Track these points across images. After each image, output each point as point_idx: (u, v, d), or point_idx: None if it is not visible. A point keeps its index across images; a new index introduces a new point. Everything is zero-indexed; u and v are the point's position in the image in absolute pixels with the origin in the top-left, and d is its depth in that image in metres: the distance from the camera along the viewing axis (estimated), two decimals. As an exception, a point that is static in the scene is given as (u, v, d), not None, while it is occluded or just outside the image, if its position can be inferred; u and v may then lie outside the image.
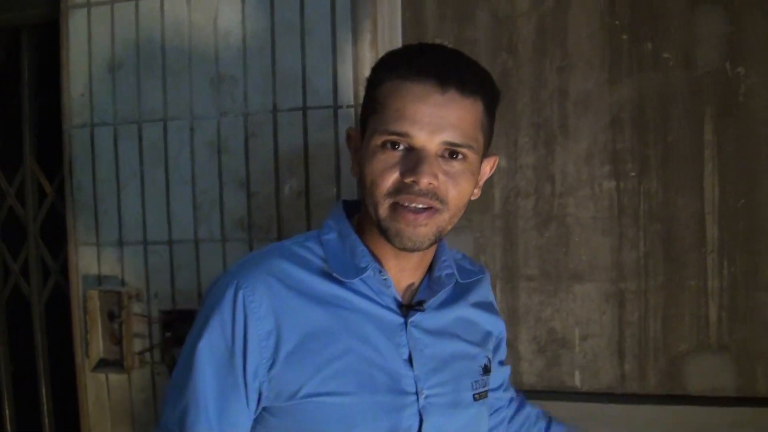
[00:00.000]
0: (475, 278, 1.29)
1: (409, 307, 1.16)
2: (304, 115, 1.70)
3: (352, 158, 1.17)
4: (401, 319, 1.15)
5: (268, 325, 1.07)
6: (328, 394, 1.08)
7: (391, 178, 1.06)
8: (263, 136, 1.72)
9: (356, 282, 1.13)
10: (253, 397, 1.08)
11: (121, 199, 1.82)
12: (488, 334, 1.31)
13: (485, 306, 1.32)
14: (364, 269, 1.12)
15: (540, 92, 3.37)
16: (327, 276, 1.13)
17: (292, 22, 1.70)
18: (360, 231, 1.18)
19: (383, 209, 1.07)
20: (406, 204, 1.06)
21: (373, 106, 1.10)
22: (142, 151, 1.80)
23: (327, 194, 1.70)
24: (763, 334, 3.29)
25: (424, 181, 1.04)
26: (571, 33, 3.35)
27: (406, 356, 1.14)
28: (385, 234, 1.09)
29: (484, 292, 1.34)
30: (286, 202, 1.72)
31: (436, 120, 1.05)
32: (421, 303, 1.17)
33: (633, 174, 3.34)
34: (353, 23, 1.68)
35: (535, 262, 3.39)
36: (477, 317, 1.28)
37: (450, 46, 3.34)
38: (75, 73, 1.84)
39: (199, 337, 1.08)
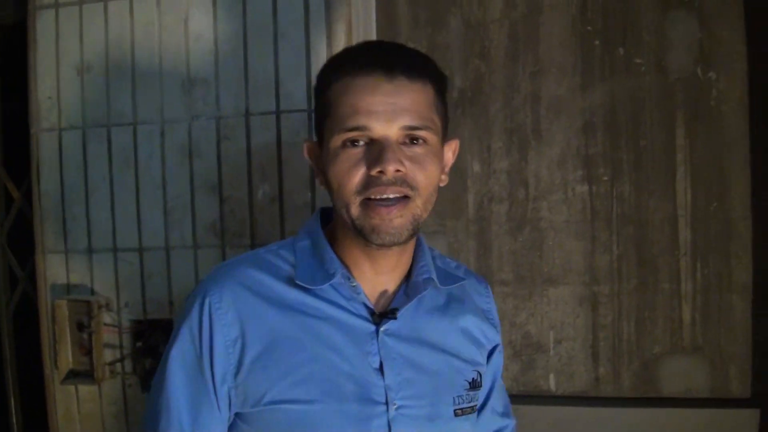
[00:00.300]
0: (460, 284, 1.21)
1: (381, 314, 1.11)
2: (278, 119, 1.65)
3: (315, 170, 1.13)
4: (372, 327, 1.10)
5: (234, 332, 1.05)
6: (292, 401, 1.04)
7: (358, 174, 1.03)
8: (236, 140, 1.67)
9: (326, 289, 1.09)
10: (224, 403, 1.06)
11: (89, 205, 1.75)
12: (480, 346, 1.23)
13: (478, 314, 1.25)
14: (332, 276, 1.08)
15: (513, 97, 3.34)
16: (295, 283, 1.08)
17: (265, 24, 1.65)
18: (332, 238, 1.13)
19: (355, 208, 1.03)
20: (378, 197, 1.02)
21: (326, 110, 1.06)
22: (112, 156, 1.74)
23: (301, 199, 1.64)
24: (737, 336, 3.28)
25: (391, 169, 1.00)
26: (543, 39, 3.33)
27: (376, 365, 1.09)
28: (361, 233, 1.05)
29: (479, 299, 1.27)
30: (259, 207, 1.67)
31: (389, 108, 1.02)
32: (394, 311, 1.11)
33: (606, 178, 3.33)
34: (327, 26, 1.63)
35: (510, 267, 3.36)
36: (468, 327, 1.21)
37: (423, 50, 3.32)
38: (43, 75, 1.77)
39: (171, 346, 1.08)
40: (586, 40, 3.31)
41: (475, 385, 1.19)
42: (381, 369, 1.09)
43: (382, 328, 1.10)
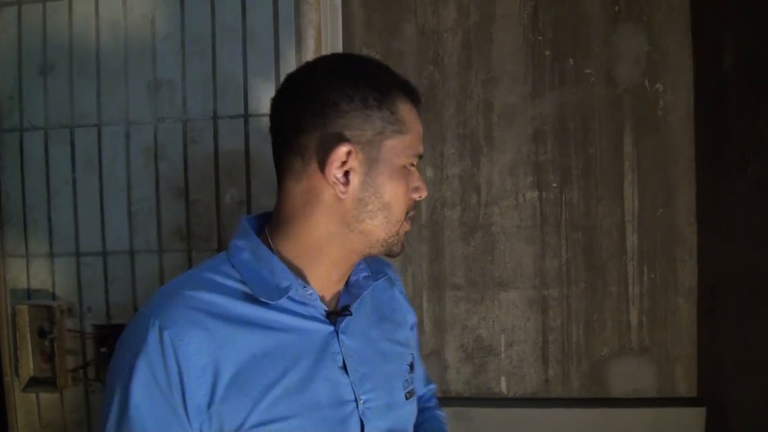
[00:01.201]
0: (384, 276, 1.21)
1: (336, 314, 1.07)
2: (246, 123, 1.59)
3: (339, 173, 1.01)
4: (331, 328, 1.06)
5: (203, 359, 0.95)
6: (274, 420, 0.97)
7: (418, 195, 1.08)
8: (203, 143, 1.60)
9: (283, 301, 1.02)
10: None
11: (51, 208, 1.66)
12: (407, 328, 1.25)
13: (400, 298, 1.26)
14: (287, 288, 1.02)
15: (466, 104, 3.33)
16: (250, 299, 1.01)
17: (234, 26, 1.58)
18: (275, 247, 1.06)
19: (402, 226, 1.06)
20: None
21: (389, 119, 1.02)
22: (75, 158, 1.65)
23: (269, 204, 1.58)
24: (682, 338, 3.31)
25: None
26: (496, 48, 3.33)
27: (340, 363, 1.06)
28: (389, 249, 1.07)
29: (397, 284, 1.29)
30: (226, 211, 1.60)
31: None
32: (346, 308, 1.09)
33: (555, 185, 3.33)
34: (297, 31, 1.57)
35: (462, 271, 3.34)
36: (396, 313, 1.22)
37: (378, 56, 3.29)
38: (4, 74, 1.67)
39: (126, 391, 0.94)
40: (538, 50, 3.32)
41: (412, 367, 1.20)
42: (344, 368, 1.05)
43: (339, 327, 1.07)
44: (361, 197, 1.01)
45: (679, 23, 3.27)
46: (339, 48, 1.86)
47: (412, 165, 1.05)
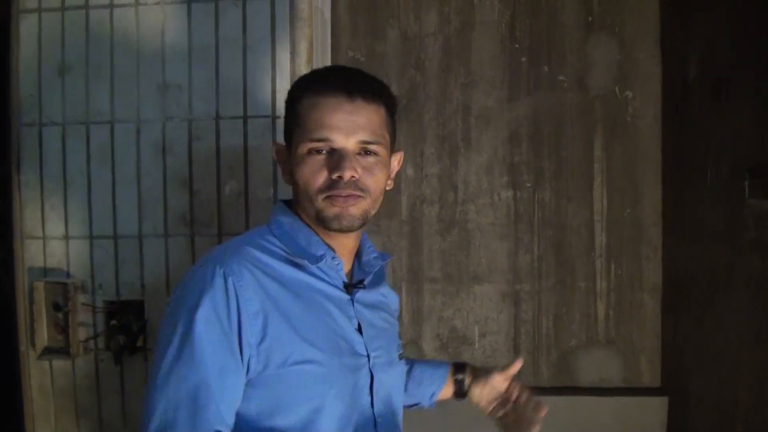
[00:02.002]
0: (388, 260, 1.49)
1: (353, 286, 1.36)
2: (245, 123, 1.84)
3: (281, 168, 1.35)
4: (347, 296, 1.34)
5: (256, 305, 1.21)
6: (308, 361, 1.24)
7: (321, 177, 1.26)
8: (206, 140, 1.85)
9: (313, 267, 1.30)
10: (244, 368, 1.21)
11: (67, 196, 1.90)
12: (395, 304, 1.56)
13: (384, 275, 1.54)
14: (322, 256, 1.30)
15: (445, 107, 3.61)
16: (290, 263, 1.29)
17: (235, 38, 1.84)
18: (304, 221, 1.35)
19: (319, 202, 1.26)
20: (336, 194, 1.26)
21: (295, 120, 1.29)
22: (90, 151, 1.89)
23: (264, 195, 1.84)
24: (647, 331, 3.60)
25: (347, 174, 1.24)
26: (475, 53, 3.61)
27: (356, 326, 1.34)
28: (324, 222, 1.28)
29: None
30: (226, 201, 1.86)
31: (349, 124, 1.26)
32: (361, 282, 1.37)
33: (529, 185, 3.61)
34: (291, 43, 1.82)
35: (439, 265, 3.61)
36: (387, 294, 1.51)
37: (362, 59, 3.54)
38: (24, 74, 1.91)
39: (191, 321, 1.17)
40: (514, 56, 3.60)
41: (399, 336, 1.53)
42: (359, 329, 1.34)
43: (354, 297, 1.35)
44: (292, 181, 1.31)
45: (649, 35, 3.55)
46: (328, 57, 2.12)
47: (318, 150, 1.26)
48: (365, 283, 1.38)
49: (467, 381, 1.68)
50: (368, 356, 1.34)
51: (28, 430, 1.97)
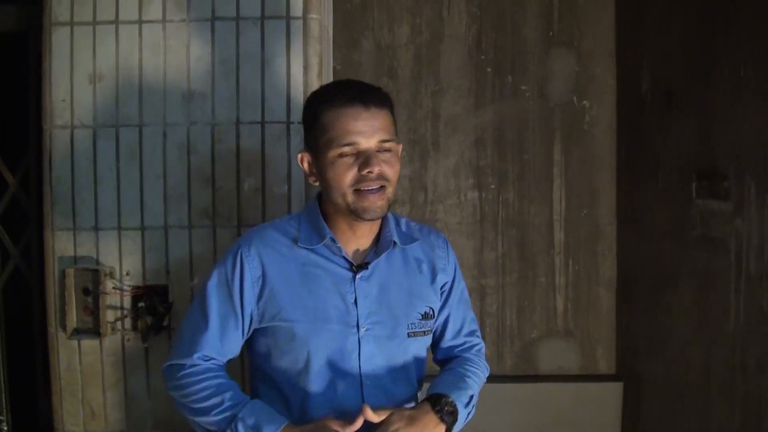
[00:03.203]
0: (415, 243, 1.79)
1: (359, 266, 1.70)
2: (263, 128, 2.15)
3: (308, 173, 1.71)
4: (350, 274, 1.69)
5: (258, 271, 1.66)
6: (293, 320, 1.65)
7: (351, 174, 1.60)
8: (227, 143, 2.15)
9: (320, 248, 1.68)
10: (247, 320, 1.67)
11: (98, 191, 2.18)
12: (432, 290, 1.80)
13: (429, 264, 1.81)
14: (323, 238, 1.67)
15: (416, 113, 3.96)
16: (299, 245, 1.69)
17: (254, 53, 2.15)
18: (325, 216, 1.70)
19: (350, 196, 1.61)
20: (366, 189, 1.60)
21: (320, 131, 1.63)
22: (119, 151, 2.17)
23: (279, 191, 2.15)
24: (603, 322, 4.01)
25: (376, 169, 1.60)
26: (443, 63, 3.96)
27: (352, 300, 1.68)
28: (355, 213, 1.62)
29: (430, 252, 1.83)
30: (245, 197, 2.16)
31: (369, 128, 1.61)
32: (366, 264, 1.70)
33: (493, 186, 3.98)
34: (304, 58, 2.15)
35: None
36: (419, 276, 1.78)
37: (338, 67, 3.84)
38: (57, 81, 2.18)
39: (206, 283, 1.70)
40: (480, 67, 3.96)
41: (426, 316, 1.77)
42: (356, 303, 1.68)
43: (358, 275, 1.69)
44: (322, 181, 1.67)
45: (605, 49, 3.93)
46: (331, 72, 2.43)
47: (345, 154, 1.59)
48: (370, 265, 1.70)
49: None
50: (358, 327, 1.67)
51: (56, 404, 2.23)
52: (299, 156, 1.71)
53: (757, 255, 2.69)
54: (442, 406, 1.62)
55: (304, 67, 2.15)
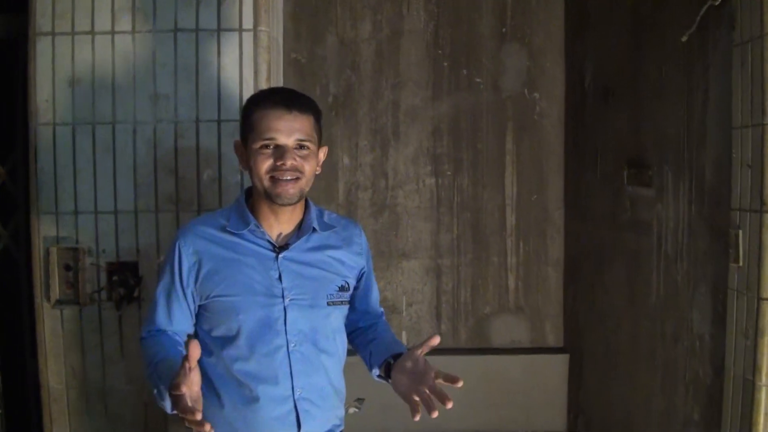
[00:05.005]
0: (334, 229, 2.16)
1: (281, 247, 2.06)
2: (219, 125, 2.58)
3: (240, 159, 2.10)
4: (273, 254, 2.05)
5: (193, 258, 2.02)
6: (225, 295, 2.01)
7: (268, 163, 1.96)
8: (188, 138, 2.57)
9: (246, 233, 2.04)
10: (191, 299, 2.04)
11: (77, 180, 2.59)
12: (348, 268, 2.16)
13: (350, 249, 2.18)
14: (247, 224, 2.04)
15: (377, 104, 4.38)
16: (227, 231, 2.05)
17: (212, 61, 2.57)
18: (251, 203, 2.09)
19: (266, 182, 1.98)
20: (280, 177, 1.96)
21: (250, 126, 2.00)
22: (95, 145, 2.59)
23: (233, 180, 2.58)
24: (551, 299, 4.49)
25: (288, 162, 1.95)
26: (403, 58, 4.39)
27: (277, 276, 2.02)
28: (270, 197, 1.99)
29: (348, 239, 2.19)
30: (204, 185, 2.59)
31: (289, 128, 1.94)
32: (287, 245, 2.07)
33: (449, 173, 4.43)
34: (254, 65, 2.56)
35: (372, 244, 4.36)
36: (337, 256, 2.14)
37: (303, 60, 4.23)
38: (41, 84, 2.58)
39: (163, 269, 2.08)
40: (437, 61, 4.39)
41: (343, 288, 2.13)
42: (280, 278, 2.03)
43: (281, 255, 2.05)
44: (248, 168, 2.01)
45: (555, 46, 4.35)
46: (280, 76, 2.84)
47: (266, 146, 1.93)
48: (291, 246, 2.05)
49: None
50: (283, 297, 2.01)
51: (41, 365, 2.66)
52: (234, 143, 2.11)
53: (674, 236, 3.10)
54: None
55: (254, 73, 2.57)
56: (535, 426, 4.39)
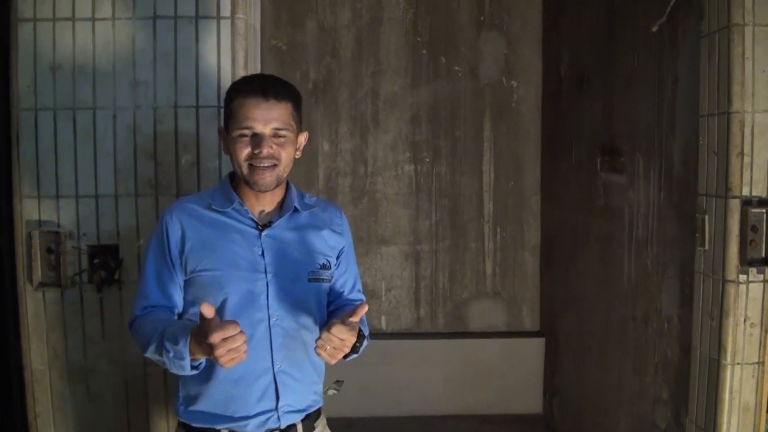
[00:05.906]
0: (315, 209, 2.28)
1: (264, 225, 2.17)
2: (197, 111, 2.67)
3: (222, 144, 2.20)
4: (256, 232, 2.16)
5: (179, 233, 2.12)
6: (210, 269, 2.11)
7: (246, 151, 2.08)
8: (167, 124, 2.66)
9: (230, 211, 2.15)
10: (179, 271, 2.12)
11: (58, 165, 2.68)
12: (329, 247, 2.27)
13: (331, 230, 2.28)
14: (232, 202, 2.15)
15: (357, 91, 4.48)
16: (212, 209, 2.16)
17: (190, 47, 2.66)
18: (234, 185, 2.20)
19: (245, 169, 2.10)
20: (257, 164, 2.07)
21: (230, 114, 2.12)
22: (76, 130, 2.68)
23: (212, 165, 2.66)
24: (527, 284, 4.60)
25: (265, 151, 2.06)
26: (383, 45, 4.49)
27: (260, 252, 2.14)
28: (248, 184, 2.11)
29: (328, 220, 2.30)
30: (183, 170, 2.68)
31: (266, 117, 2.06)
32: (270, 222, 2.18)
33: (428, 160, 4.54)
34: (232, 52, 2.65)
35: (352, 230, 4.46)
36: (318, 235, 2.25)
37: (284, 47, 4.31)
38: (23, 70, 2.67)
39: (147, 249, 2.16)
40: (416, 49, 4.48)
41: (324, 266, 2.23)
42: (263, 254, 2.14)
43: (264, 232, 2.16)
44: (229, 153, 2.14)
45: (532, 34, 4.45)
46: (258, 63, 2.92)
47: (244, 135, 2.03)
48: (273, 224, 2.16)
49: None
50: (266, 273, 2.11)
51: (24, 347, 2.74)
52: (218, 128, 2.22)
53: (644, 222, 3.21)
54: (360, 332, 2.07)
55: (231, 60, 2.65)
56: (512, 408, 4.51)
